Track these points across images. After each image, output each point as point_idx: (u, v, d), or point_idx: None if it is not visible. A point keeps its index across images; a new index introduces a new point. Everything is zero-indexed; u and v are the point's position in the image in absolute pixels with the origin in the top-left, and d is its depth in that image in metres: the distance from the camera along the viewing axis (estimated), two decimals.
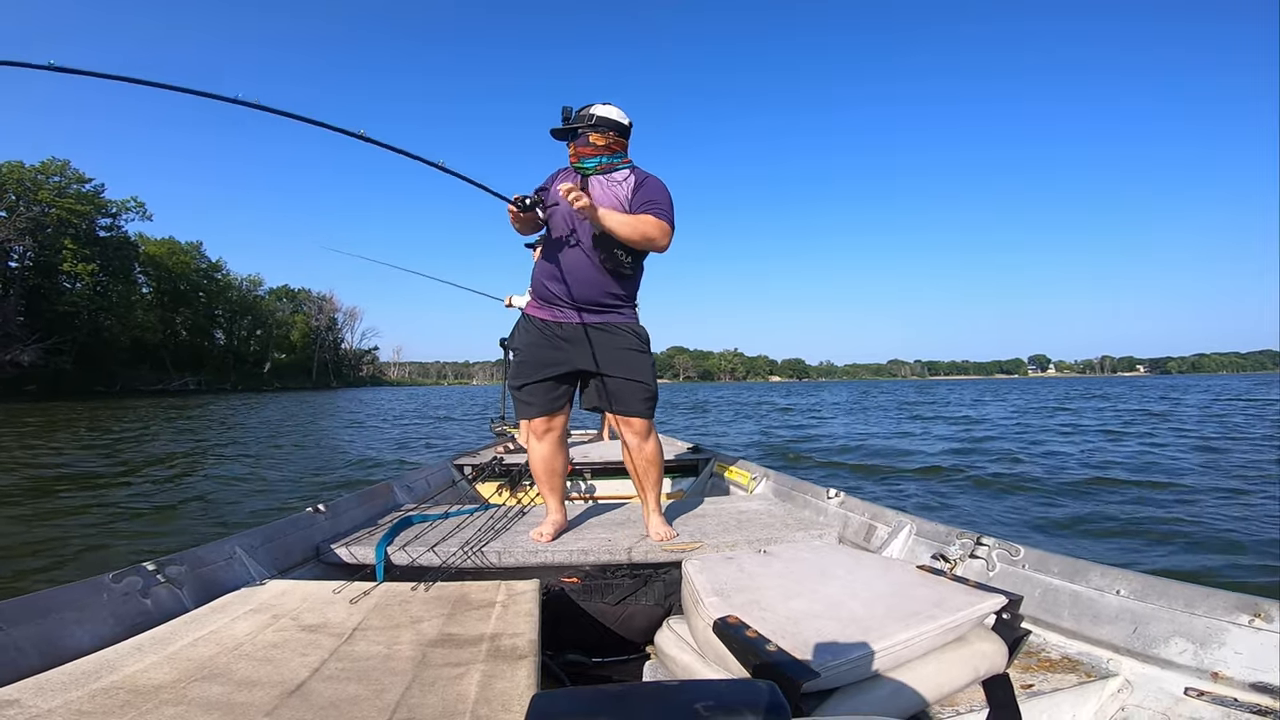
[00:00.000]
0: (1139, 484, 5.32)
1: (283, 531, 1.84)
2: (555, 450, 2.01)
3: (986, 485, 5.53)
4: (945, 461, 7.02)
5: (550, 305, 1.95)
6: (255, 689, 0.93)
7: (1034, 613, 1.31)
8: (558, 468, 2.02)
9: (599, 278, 1.89)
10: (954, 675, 1.01)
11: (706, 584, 1.14)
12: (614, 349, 1.92)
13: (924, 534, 1.73)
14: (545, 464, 2.00)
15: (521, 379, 1.97)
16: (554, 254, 1.92)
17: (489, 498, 3.05)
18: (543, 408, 1.95)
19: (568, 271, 1.90)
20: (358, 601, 1.35)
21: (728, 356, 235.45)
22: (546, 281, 1.95)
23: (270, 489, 5.66)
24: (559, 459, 2.02)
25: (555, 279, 1.92)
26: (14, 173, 35.86)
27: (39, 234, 36.64)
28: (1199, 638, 1.07)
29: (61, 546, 3.59)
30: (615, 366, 1.91)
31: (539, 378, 1.94)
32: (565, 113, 1.89)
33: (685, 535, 1.91)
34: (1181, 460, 6.74)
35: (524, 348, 2.00)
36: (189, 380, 48.30)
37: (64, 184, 38.51)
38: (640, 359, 1.94)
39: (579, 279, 1.89)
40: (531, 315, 2.00)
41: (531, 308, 2.02)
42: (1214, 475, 5.73)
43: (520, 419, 2.10)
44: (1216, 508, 4.32)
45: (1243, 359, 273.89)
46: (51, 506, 4.79)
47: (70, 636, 1.12)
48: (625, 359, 1.92)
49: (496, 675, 0.98)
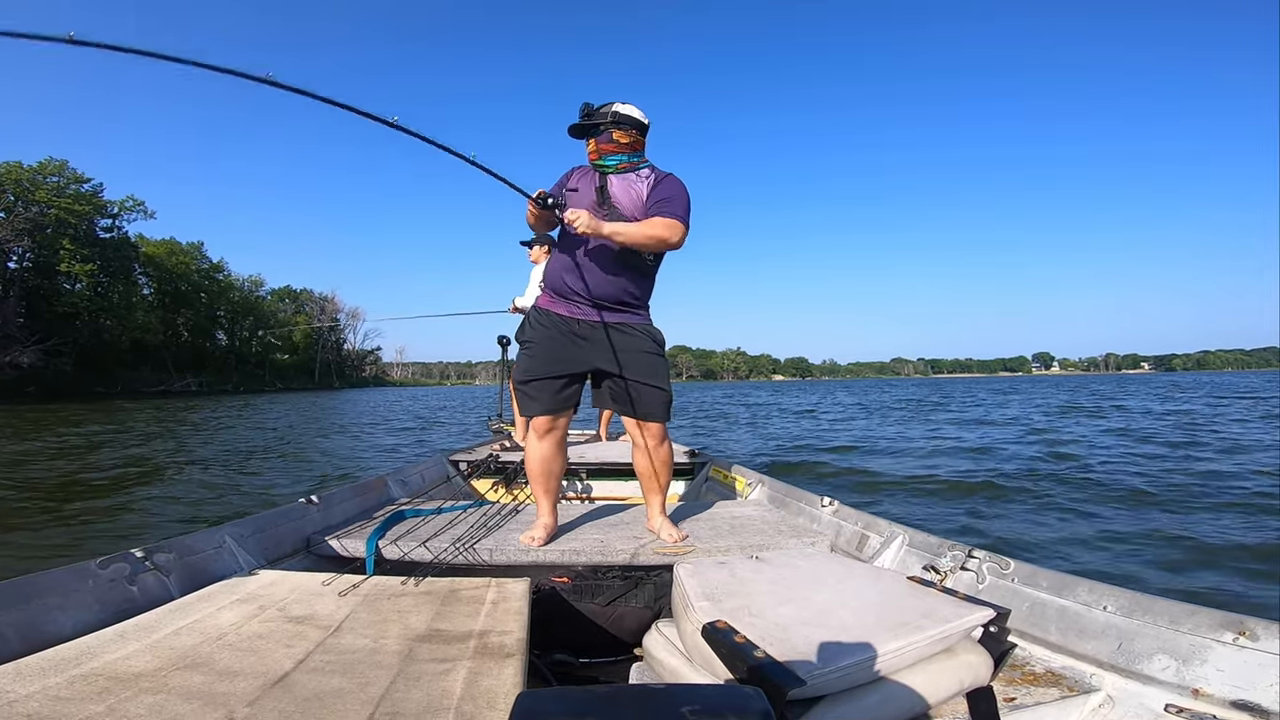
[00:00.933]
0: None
1: (274, 522, 1.83)
2: (555, 451, 1.94)
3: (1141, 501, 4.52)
4: (1031, 471, 5.89)
5: (567, 300, 1.89)
6: (237, 679, 0.92)
7: (1021, 626, 1.31)
8: (555, 470, 1.96)
9: (620, 276, 1.85)
10: (939, 686, 1.01)
11: (697, 588, 1.14)
12: (634, 351, 1.88)
13: (916, 545, 1.73)
14: (543, 465, 1.93)
15: (531, 373, 1.88)
16: (574, 249, 1.87)
17: (483, 494, 3.04)
18: (548, 405, 1.88)
19: (588, 267, 1.84)
20: (346, 594, 1.35)
21: (731, 355, 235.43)
22: (565, 275, 1.88)
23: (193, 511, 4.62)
24: (558, 461, 1.96)
25: (574, 273, 1.86)
26: (11, 173, 35.47)
27: (37, 234, 36.33)
28: (1182, 654, 1.07)
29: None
30: (636, 369, 1.87)
31: (551, 374, 1.87)
32: (586, 109, 1.85)
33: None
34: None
35: (538, 341, 1.90)
36: (190, 381, 47.96)
37: (63, 184, 38.10)
38: (659, 363, 1.91)
39: (600, 276, 1.84)
40: (546, 309, 1.92)
41: (545, 301, 1.94)
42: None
43: (522, 415, 2.06)
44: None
45: (1248, 355, 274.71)
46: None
47: (53, 622, 1.11)
48: (646, 362, 1.88)
49: (483, 672, 0.97)
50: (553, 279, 1.93)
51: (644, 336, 1.91)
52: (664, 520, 1.95)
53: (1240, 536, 3.61)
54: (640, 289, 1.92)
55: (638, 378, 1.87)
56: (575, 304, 1.88)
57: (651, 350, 1.91)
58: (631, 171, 1.88)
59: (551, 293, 1.93)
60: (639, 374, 1.87)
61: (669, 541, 1.86)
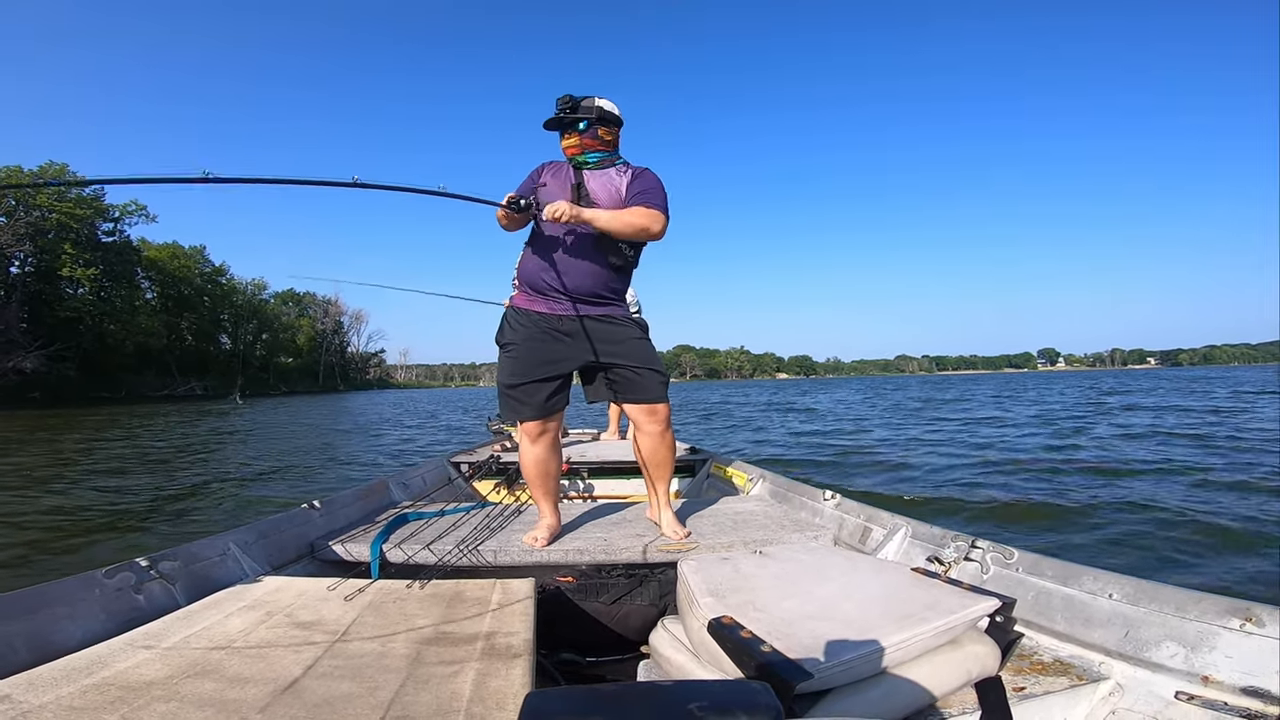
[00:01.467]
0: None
1: (278, 528, 1.83)
2: (549, 453, 1.91)
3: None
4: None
5: (545, 297, 1.86)
6: (248, 686, 0.92)
7: (1027, 615, 1.31)
8: (552, 470, 1.94)
9: (597, 270, 1.84)
10: (947, 677, 1.02)
11: (702, 584, 1.15)
12: (627, 340, 1.88)
13: (919, 536, 1.73)
14: (539, 466, 1.91)
15: (517, 377, 1.83)
16: (549, 245, 1.84)
17: (485, 496, 3.04)
18: (538, 409, 1.84)
19: (566, 263, 1.82)
20: (352, 599, 1.35)
21: (734, 354, 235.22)
22: (541, 273, 1.85)
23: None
24: (553, 461, 1.94)
25: (551, 270, 1.83)
26: (11, 177, 35.22)
27: (39, 239, 36.27)
28: (1190, 642, 1.08)
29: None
30: (634, 356, 1.87)
31: (537, 376, 1.83)
32: (568, 102, 1.80)
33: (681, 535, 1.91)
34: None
35: (520, 343, 1.85)
36: (195, 385, 48.01)
37: (63, 188, 38.02)
38: (649, 346, 1.93)
39: (579, 271, 1.82)
40: (525, 308, 1.88)
41: (522, 300, 1.90)
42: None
43: (509, 421, 2.04)
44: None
45: (1254, 350, 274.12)
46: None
47: (62, 632, 1.11)
48: (637, 348, 1.89)
49: (491, 674, 0.97)
50: (529, 276, 1.89)
51: (631, 325, 1.92)
52: (671, 515, 1.94)
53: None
54: (619, 283, 1.91)
55: (637, 364, 1.87)
56: (555, 300, 1.85)
57: (642, 337, 1.93)
58: (610, 167, 1.88)
59: (529, 290, 1.89)
60: (638, 360, 1.87)
61: (673, 537, 1.86)
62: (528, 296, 1.89)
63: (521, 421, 1.88)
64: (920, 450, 8.09)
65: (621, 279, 1.92)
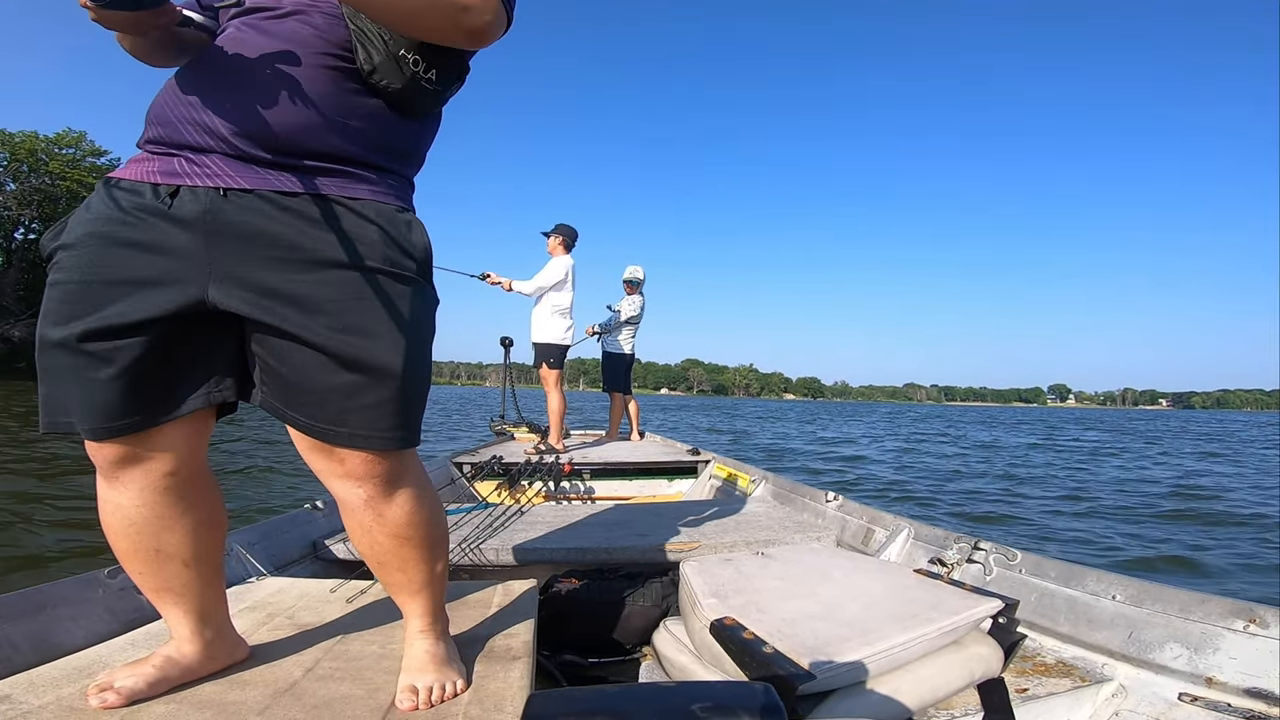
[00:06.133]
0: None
1: (280, 528, 1.83)
2: (158, 506, 0.84)
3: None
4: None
5: (177, 149, 0.80)
6: (247, 687, 0.92)
7: (1030, 617, 1.31)
8: (172, 543, 0.86)
9: (329, 94, 0.81)
10: (950, 678, 1.01)
11: (704, 585, 1.14)
12: (311, 261, 0.79)
13: (922, 538, 1.73)
14: (129, 528, 0.84)
15: (62, 320, 0.75)
16: (227, 49, 0.80)
17: (486, 496, 3.05)
18: (101, 408, 0.76)
19: (253, 76, 0.78)
20: (354, 600, 1.35)
21: (743, 372, 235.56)
22: (188, 101, 0.79)
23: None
24: (179, 525, 0.86)
25: (215, 92, 0.79)
26: (26, 142, 34.86)
27: (47, 205, 35.35)
28: (1194, 643, 1.07)
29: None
30: (332, 308, 0.79)
31: (96, 319, 0.75)
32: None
33: (683, 536, 1.91)
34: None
35: (76, 244, 0.78)
36: None
37: (79, 156, 37.10)
38: (399, 293, 0.84)
39: (279, 93, 0.78)
40: (123, 179, 0.80)
41: (134, 163, 0.82)
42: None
43: (48, 425, 0.80)
44: None
45: (1267, 396, 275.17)
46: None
47: (64, 632, 1.11)
48: (357, 287, 0.81)
49: (490, 675, 0.97)
50: (160, 111, 0.81)
51: (371, 227, 0.83)
52: (423, 640, 0.98)
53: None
54: (378, 130, 0.85)
55: (330, 328, 0.79)
56: (197, 157, 0.79)
57: (384, 264, 0.83)
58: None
59: (153, 143, 0.82)
60: (338, 320, 0.79)
61: (403, 710, 0.87)
62: (144, 155, 0.82)
63: (90, 440, 0.79)
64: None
65: (386, 124, 0.86)
